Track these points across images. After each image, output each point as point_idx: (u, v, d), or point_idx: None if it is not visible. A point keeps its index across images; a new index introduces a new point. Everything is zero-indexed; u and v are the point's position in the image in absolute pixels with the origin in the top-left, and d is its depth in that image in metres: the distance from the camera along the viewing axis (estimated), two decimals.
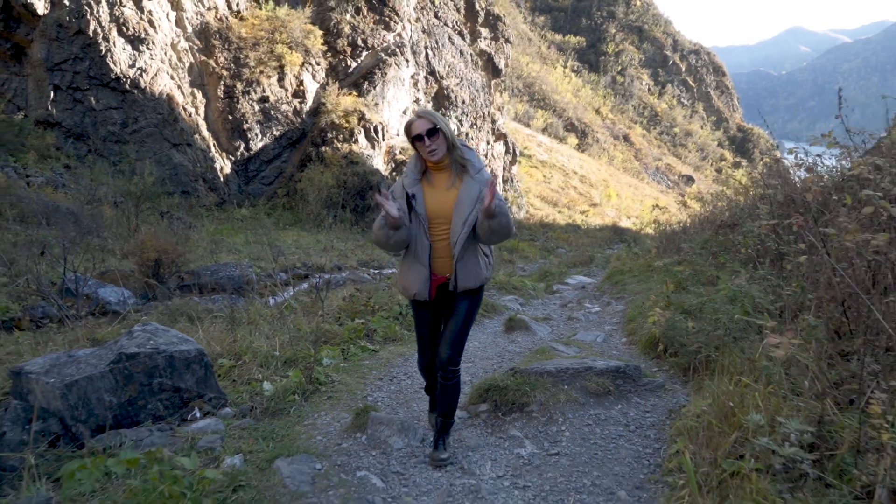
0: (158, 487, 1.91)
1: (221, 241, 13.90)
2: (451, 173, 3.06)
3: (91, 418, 2.67)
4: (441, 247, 3.04)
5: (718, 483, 2.03)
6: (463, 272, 3.02)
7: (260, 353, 3.96)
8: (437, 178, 3.08)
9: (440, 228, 3.03)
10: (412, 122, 3.00)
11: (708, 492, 2.02)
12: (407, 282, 3.12)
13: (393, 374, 4.38)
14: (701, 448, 2.17)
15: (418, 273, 3.05)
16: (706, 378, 3.17)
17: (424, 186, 3.06)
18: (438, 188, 3.05)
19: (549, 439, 3.33)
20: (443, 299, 3.15)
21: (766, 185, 4.76)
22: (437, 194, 3.04)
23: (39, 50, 17.98)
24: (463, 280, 3.03)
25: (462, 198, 2.98)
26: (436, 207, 3.02)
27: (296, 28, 21.58)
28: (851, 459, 1.73)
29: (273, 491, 2.50)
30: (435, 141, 2.94)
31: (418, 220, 3.01)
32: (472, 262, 3.05)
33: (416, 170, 3.07)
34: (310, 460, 2.89)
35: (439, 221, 3.03)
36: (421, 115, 2.98)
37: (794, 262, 2.86)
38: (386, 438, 3.19)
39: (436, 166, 3.06)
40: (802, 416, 1.90)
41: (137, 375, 2.85)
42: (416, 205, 2.99)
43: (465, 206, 2.97)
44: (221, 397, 3.25)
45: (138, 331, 3.07)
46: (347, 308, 5.57)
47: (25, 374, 2.71)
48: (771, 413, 1.96)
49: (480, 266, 3.09)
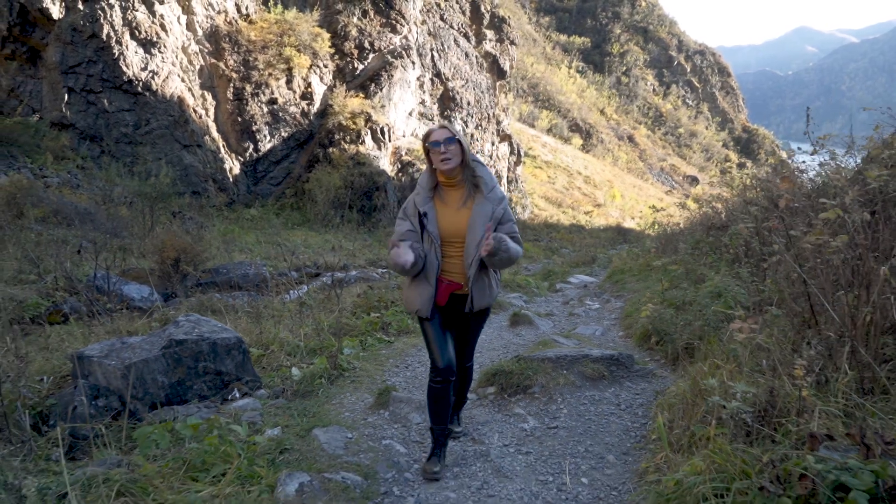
0: (219, 448, 2.25)
1: (233, 241, 14.29)
2: (463, 191, 3.06)
3: (146, 396, 3.03)
4: (454, 263, 3.07)
5: (689, 444, 2.40)
6: (479, 293, 3.06)
7: (286, 344, 4.37)
8: (449, 195, 3.08)
9: (454, 247, 3.05)
10: (431, 130, 3.06)
11: (679, 451, 2.40)
12: (410, 297, 3.13)
13: (408, 362, 4.83)
14: (677, 418, 2.55)
15: (424, 291, 3.05)
16: (689, 364, 3.55)
17: (437, 204, 3.06)
18: (451, 206, 3.06)
19: (549, 416, 3.78)
20: (455, 314, 3.17)
21: (756, 189, 5.11)
22: (449, 213, 3.05)
23: (54, 53, 18.39)
24: (479, 301, 3.08)
25: (475, 218, 2.99)
26: (448, 226, 3.03)
27: (304, 31, 21.95)
28: (794, 418, 2.08)
29: (313, 453, 2.94)
30: (450, 149, 2.95)
31: (430, 238, 3.01)
32: (486, 282, 3.09)
33: (428, 186, 3.07)
34: (341, 431, 3.32)
35: (453, 240, 3.04)
36: (442, 126, 3.05)
37: (770, 262, 3.20)
38: (406, 414, 3.61)
39: (448, 182, 3.05)
40: (757, 386, 2.27)
41: (185, 359, 3.21)
42: (427, 223, 3.00)
43: (478, 227, 2.98)
44: (257, 380, 3.63)
45: (183, 321, 3.43)
46: (362, 303, 5.96)
47: (87, 357, 3.07)
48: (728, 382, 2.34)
49: (493, 285, 3.14)
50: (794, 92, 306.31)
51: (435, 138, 2.98)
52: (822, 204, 2.57)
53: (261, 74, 21.22)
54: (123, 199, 15.52)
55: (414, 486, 3.02)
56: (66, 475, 1.91)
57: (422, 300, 3.04)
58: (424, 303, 3.04)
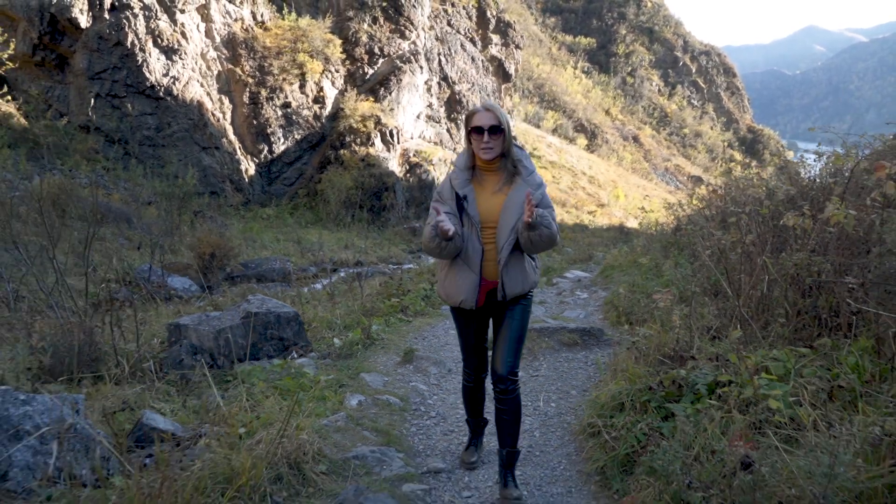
0: (298, 382, 3.21)
1: (255, 239, 15.30)
2: (501, 175, 2.92)
3: (230, 354, 3.99)
4: (490, 249, 2.90)
5: (621, 371, 3.44)
6: (509, 279, 2.87)
7: (324, 321, 5.43)
8: (487, 178, 2.94)
9: (489, 232, 2.90)
10: (476, 111, 2.86)
11: (612, 377, 3.40)
12: (452, 288, 2.93)
13: (424, 335, 6.09)
14: (619, 362, 3.56)
15: (466, 279, 2.87)
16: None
17: (475, 187, 2.93)
18: (488, 189, 2.93)
19: (532, 369, 5.06)
20: (490, 306, 3.00)
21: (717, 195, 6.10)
22: (486, 196, 2.91)
23: (81, 60, 19.41)
24: (511, 287, 2.88)
25: (510, 202, 2.84)
26: (485, 210, 2.89)
27: (316, 37, 22.88)
28: (688, 353, 3.06)
29: (363, 387, 4.09)
30: (494, 139, 2.80)
31: (470, 222, 2.86)
32: (519, 267, 2.90)
33: (466, 169, 2.94)
34: (380, 376, 4.53)
35: (488, 225, 2.89)
36: (488, 107, 2.83)
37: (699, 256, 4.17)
38: (426, 368, 4.75)
39: (486, 166, 2.92)
40: (663, 334, 3.24)
41: (258, 327, 4.18)
42: (468, 207, 2.85)
43: (513, 210, 2.82)
44: (308, 345, 4.62)
45: (253, 299, 4.42)
46: (383, 291, 6.99)
47: (183, 325, 4.05)
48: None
49: (528, 270, 2.94)
50: (803, 91, 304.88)
51: (478, 123, 2.81)
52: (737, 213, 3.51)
53: (275, 79, 22.19)
54: (150, 200, 16.55)
55: (434, 406, 4.35)
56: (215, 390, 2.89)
57: (466, 290, 2.87)
58: (469, 292, 2.86)
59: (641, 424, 2.78)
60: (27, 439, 1.86)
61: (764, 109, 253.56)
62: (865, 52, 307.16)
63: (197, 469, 2.17)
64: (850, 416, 2.18)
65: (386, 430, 3.58)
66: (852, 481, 1.82)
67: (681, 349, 2.99)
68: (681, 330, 3.15)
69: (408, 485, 2.97)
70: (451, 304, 3.02)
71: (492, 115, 2.79)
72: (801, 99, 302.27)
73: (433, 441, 3.70)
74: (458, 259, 2.89)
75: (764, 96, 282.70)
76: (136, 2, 19.12)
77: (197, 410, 2.82)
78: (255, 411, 2.82)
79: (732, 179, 5.65)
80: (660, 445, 2.54)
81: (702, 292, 3.65)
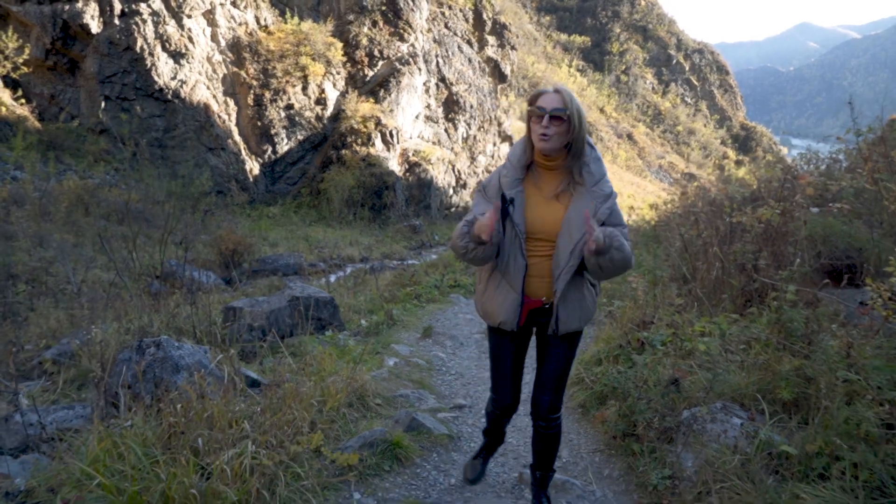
0: (342, 349, 4.02)
1: (265, 236, 16.04)
2: (563, 178, 2.41)
3: (279, 331, 4.77)
4: (536, 263, 2.42)
5: (602, 339, 4.25)
6: (566, 312, 2.40)
7: (350, 306, 6.29)
8: (544, 178, 2.44)
9: (536, 245, 2.41)
10: (543, 92, 2.36)
11: (594, 343, 4.24)
12: (491, 306, 2.50)
13: (437, 317, 7.14)
14: (599, 332, 4.40)
15: (507, 298, 2.44)
16: None
17: (528, 188, 2.43)
18: (544, 192, 2.42)
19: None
20: (532, 326, 2.56)
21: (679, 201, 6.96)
22: (539, 201, 2.41)
23: (92, 64, 20.04)
24: (566, 322, 2.41)
25: (572, 216, 2.35)
26: (534, 220, 2.40)
27: (318, 41, 23.53)
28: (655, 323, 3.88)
29: (395, 353, 4.96)
30: (556, 126, 2.28)
31: (514, 231, 2.38)
32: (578, 297, 2.42)
33: (520, 164, 2.43)
34: (406, 346, 5.57)
35: (539, 237, 2.41)
36: (558, 89, 2.34)
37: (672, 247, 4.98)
38: (443, 341, 5.76)
39: (545, 162, 2.40)
40: (636, 308, 4.07)
41: (300, 309, 4.95)
42: (513, 213, 2.37)
43: (575, 227, 2.33)
44: (342, 325, 5.44)
45: (293, 285, 5.23)
46: (397, 282, 7.86)
47: (237, 308, 4.84)
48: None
49: (587, 300, 2.46)
50: (796, 88, 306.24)
51: (542, 103, 2.31)
52: (701, 211, 4.30)
53: (279, 82, 22.85)
54: (162, 199, 17.27)
55: (452, 368, 5.41)
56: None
57: (507, 310, 2.44)
58: (510, 313, 2.43)
59: (612, 370, 3.71)
60: (182, 373, 2.66)
61: (758, 106, 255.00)
62: (858, 49, 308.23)
63: (303, 391, 3.09)
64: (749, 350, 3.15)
65: (420, 381, 4.66)
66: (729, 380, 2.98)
67: (646, 318, 3.78)
68: (647, 305, 3.95)
69: (441, 413, 4.02)
70: (490, 324, 2.58)
71: (559, 97, 2.29)
72: (795, 95, 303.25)
73: (455, 389, 4.83)
74: (496, 273, 2.48)
75: (758, 93, 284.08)
76: (145, 8, 19.73)
77: (274, 368, 3.64)
78: (319, 366, 3.70)
79: (719, 179, 6.46)
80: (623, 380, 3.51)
81: (669, 278, 4.44)
